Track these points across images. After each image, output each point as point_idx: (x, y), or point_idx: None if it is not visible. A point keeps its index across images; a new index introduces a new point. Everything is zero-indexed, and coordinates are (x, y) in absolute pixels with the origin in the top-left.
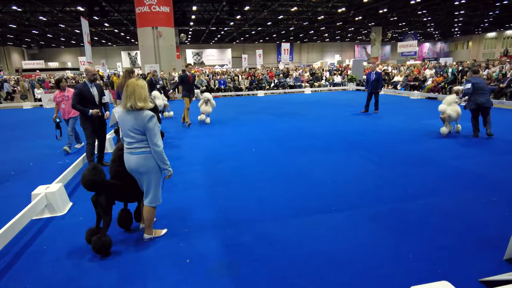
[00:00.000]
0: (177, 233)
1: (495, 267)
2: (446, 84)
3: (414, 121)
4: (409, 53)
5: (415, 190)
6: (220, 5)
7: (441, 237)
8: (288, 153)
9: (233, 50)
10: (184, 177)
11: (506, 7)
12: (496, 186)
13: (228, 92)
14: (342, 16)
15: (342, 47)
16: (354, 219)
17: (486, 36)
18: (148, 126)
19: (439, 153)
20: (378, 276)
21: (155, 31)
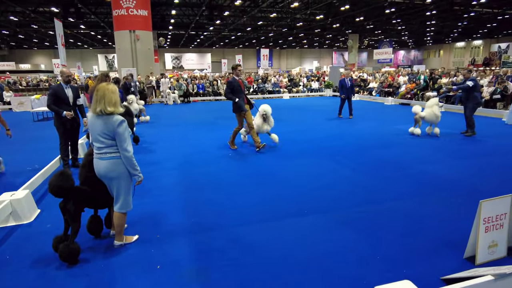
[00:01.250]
0: (148, 239)
1: (456, 265)
2: (419, 91)
3: (387, 126)
4: (385, 60)
5: (385, 194)
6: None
7: (407, 239)
8: (264, 158)
9: (213, 54)
10: (158, 182)
11: (472, 19)
12: (461, 189)
13: (207, 96)
14: (320, 23)
15: (321, 53)
16: (325, 223)
17: (455, 45)
18: (118, 131)
19: (409, 157)
20: (346, 278)
21: (133, 34)
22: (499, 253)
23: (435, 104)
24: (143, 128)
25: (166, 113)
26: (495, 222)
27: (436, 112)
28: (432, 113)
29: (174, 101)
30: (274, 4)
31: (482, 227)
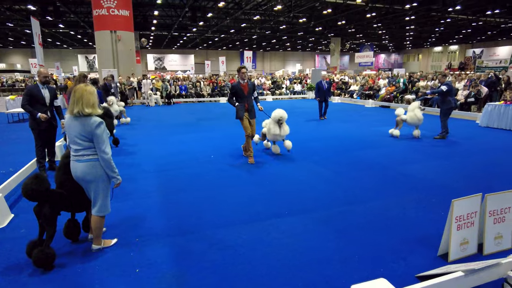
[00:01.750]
0: (127, 242)
1: (430, 263)
2: (398, 94)
3: (367, 128)
4: (366, 63)
5: (363, 194)
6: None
7: (385, 238)
8: (246, 160)
9: (196, 56)
10: (138, 185)
11: (449, 25)
12: (436, 188)
13: (190, 98)
14: (303, 26)
15: (303, 56)
16: (305, 223)
17: (433, 50)
18: (96, 132)
19: (388, 158)
20: (324, 277)
21: (114, 34)
22: (470, 250)
23: (416, 107)
24: (123, 130)
25: (147, 114)
26: (466, 221)
27: (418, 115)
28: (414, 116)
29: (156, 102)
30: (258, 6)
31: (454, 225)
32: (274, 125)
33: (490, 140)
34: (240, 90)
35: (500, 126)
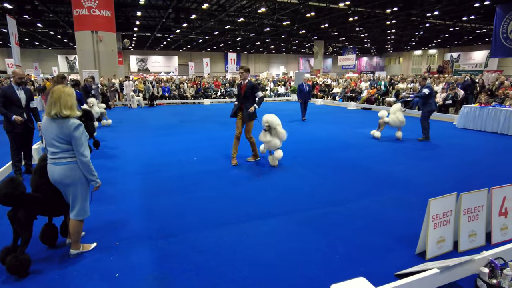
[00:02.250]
0: (107, 246)
1: (408, 261)
2: (379, 96)
3: (349, 129)
4: (349, 66)
5: (345, 195)
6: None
7: (364, 237)
8: (228, 162)
9: (180, 57)
10: (119, 188)
11: (427, 30)
12: (415, 188)
13: (173, 100)
14: (287, 29)
15: (287, 59)
16: (288, 224)
17: (414, 53)
18: (75, 135)
19: (368, 159)
20: (305, 278)
21: (95, 35)
22: (446, 248)
23: (398, 109)
24: (104, 132)
25: (129, 116)
26: (442, 219)
27: (400, 118)
28: (396, 118)
29: (138, 104)
30: (242, 9)
31: (431, 224)
32: (263, 132)
33: (467, 141)
34: (238, 90)
35: (476, 127)
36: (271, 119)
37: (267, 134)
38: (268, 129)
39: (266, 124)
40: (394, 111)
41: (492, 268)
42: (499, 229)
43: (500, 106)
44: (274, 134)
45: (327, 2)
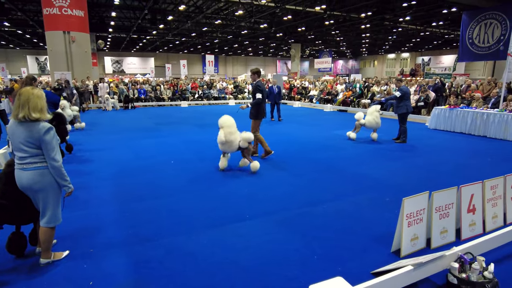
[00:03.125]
0: (80, 254)
1: (384, 259)
2: (355, 98)
3: (325, 131)
4: (325, 69)
5: (322, 195)
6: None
7: (341, 237)
8: (208, 164)
9: (156, 59)
10: (93, 193)
11: (400, 34)
12: (389, 188)
13: (149, 102)
14: (264, 32)
15: (265, 61)
16: (265, 225)
17: (387, 57)
18: (45, 139)
19: (344, 160)
20: (283, 279)
21: (67, 35)
22: (419, 245)
23: (374, 111)
24: (78, 136)
25: (104, 119)
26: (416, 217)
27: (376, 119)
28: (373, 120)
29: (113, 106)
30: (219, 11)
31: (405, 222)
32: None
33: (438, 141)
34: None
35: (446, 128)
36: (225, 120)
37: (221, 135)
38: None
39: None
40: (370, 113)
41: (461, 263)
42: (467, 225)
43: (468, 107)
44: (229, 136)
45: (303, 5)
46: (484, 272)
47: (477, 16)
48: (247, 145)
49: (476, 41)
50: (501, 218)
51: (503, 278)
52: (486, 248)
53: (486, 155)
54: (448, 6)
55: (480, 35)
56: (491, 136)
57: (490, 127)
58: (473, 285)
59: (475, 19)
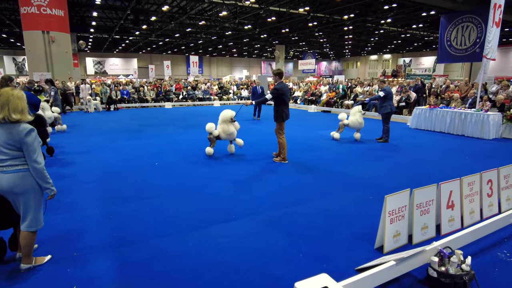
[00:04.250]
0: (63, 258)
1: (368, 256)
2: (338, 99)
3: (310, 131)
4: (309, 70)
5: (307, 195)
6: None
7: (326, 235)
8: (193, 165)
9: (140, 60)
10: (76, 197)
11: (382, 36)
12: (373, 186)
13: (132, 103)
14: (249, 33)
15: (250, 62)
16: (251, 225)
17: (370, 58)
18: (26, 141)
19: (328, 160)
20: (270, 277)
21: (47, 35)
22: (402, 241)
23: (357, 112)
24: (59, 138)
25: (86, 121)
26: (398, 214)
27: (359, 120)
28: (356, 120)
29: (95, 108)
30: (203, 12)
31: (388, 219)
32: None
33: (418, 141)
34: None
35: (427, 127)
36: (226, 114)
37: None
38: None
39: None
40: (353, 113)
41: (441, 257)
42: (447, 221)
43: (447, 108)
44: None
45: (287, 7)
46: (462, 265)
47: (455, 19)
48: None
49: (454, 43)
50: (478, 214)
51: (480, 270)
52: (464, 242)
53: (464, 153)
54: (427, 9)
55: (457, 38)
56: (469, 135)
57: (467, 127)
58: (451, 277)
59: (452, 22)
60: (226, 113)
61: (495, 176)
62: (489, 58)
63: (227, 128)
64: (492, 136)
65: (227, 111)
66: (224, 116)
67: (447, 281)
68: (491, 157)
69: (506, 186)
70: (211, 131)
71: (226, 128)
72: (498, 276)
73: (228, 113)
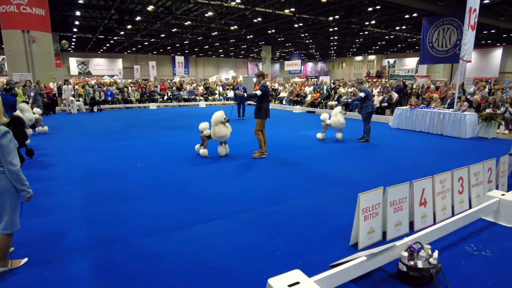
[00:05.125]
0: (41, 260)
1: (343, 252)
2: (322, 100)
3: (294, 132)
4: (295, 71)
5: (287, 193)
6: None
7: (304, 233)
8: (176, 166)
9: (125, 60)
10: (56, 199)
11: (367, 37)
12: (352, 185)
13: (116, 104)
14: (235, 33)
15: (236, 63)
16: (232, 225)
17: (355, 59)
18: (1, 143)
19: (310, 159)
20: (248, 275)
21: (27, 35)
22: (376, 238)
23: (339, 112)
24: (40, 140)
25: (68, 122)
26: (371, 211)
27: (341, 120)
28: (337, 120)
29: (79, 109)
30: (189, 12)
31: (362, 217)
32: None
33: (399, 140)
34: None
35: (407, 127)
36: (217, 115)
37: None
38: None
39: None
40: (335, 114)
41: (411, 251)
42: (420, 218)
43: (427, 108)
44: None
45: (273, 8)
46: (430, 259)
47: (436, 22)
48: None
49: (436, 45)
50: (449, 210)
51: (448, 263)
52: (434, 237)
53: (441, 152)
54: (410, 12)
55: (439, 40)
56: (447, 134)
57: (446, 126)
58: (419, 271)
59: (434, 24)
60: (217, 115)
61: (465, 174)
62: (465, 60)
63: (219, 130)
64: (468, 135)
65: (218, 113)
66: (216, 118)
67: (416, 274)
68: (466, 155)
69: (476, 184)
70: (203, 130)
71: (217, 130)
72: (464, 268)
73: (219, 114)
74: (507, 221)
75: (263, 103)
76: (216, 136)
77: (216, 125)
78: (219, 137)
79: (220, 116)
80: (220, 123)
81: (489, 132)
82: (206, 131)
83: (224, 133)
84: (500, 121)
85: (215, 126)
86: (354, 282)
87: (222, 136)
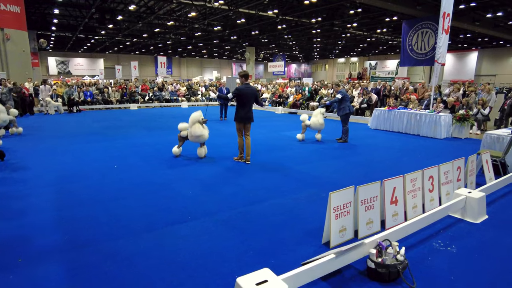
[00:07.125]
0: (6, 265)
1: (315, 251)
2: (304, 101)
3: (275, 132)
4: (279, 72)
5: (264, 193)
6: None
7: (277, 232)
8: (155, 168)
9: (106, 60)
10: (28, 202)
11: (349, 39)
12: (328, 184)
13: (96, 105)
14: (218, 34)
15: (220, 64)
16: (206, 226)
17: (338, 61)
18: None
19: (289, 159)
20: (219, 275)
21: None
22: (347, 236)
23: (319, 113)
24: (13, 142)
25: (45, 123)
26: (343, 210)
27: (320, 121)
28: (317, 121)
29: (56, 110)
30: (171, 12)
31: (333, 215)
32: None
33: (377, 140)
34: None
35: (386, 128)
36: (195, 115)
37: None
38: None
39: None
40: (315, 114)
41: (380, 249)
42: (391, 216)
43: (404, 109)
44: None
45: (256, 9)
46: (397, 255)
47: (415, 25)
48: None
49: (415, 47)
50: (420, 208)
51: (416, 259)
52: (403, 234)
53: (417, 152)
54: (390, 15)
55: (418, 42)
56: (424, 135)
57: (422, 127)
58: (387, 267)
59: (413, 28)
60: (195, 115)
61: (435, 173)
62: (440, 62)
63: (195, 130)
64: (443, 136)
65: (196, 113)
66: (193, 118)
67: (383, 271)
68: (440, 155)
69: (446, 182)
70: (181, 130)
71: (193, 130)
72: (431, 263)
73: (196, 114)
74: (473, 218)
75: (238, 106)
76: (193, 136)
77: (193, 124)
78: (195, 137)
79: (197, 116)
80: (197, 122)
81: (463, 133)
82: (183, 132)
83: (201, 133)
84: (473, 122)
85: (192, 125)
86: (324, 279)
87: (198, 136)
